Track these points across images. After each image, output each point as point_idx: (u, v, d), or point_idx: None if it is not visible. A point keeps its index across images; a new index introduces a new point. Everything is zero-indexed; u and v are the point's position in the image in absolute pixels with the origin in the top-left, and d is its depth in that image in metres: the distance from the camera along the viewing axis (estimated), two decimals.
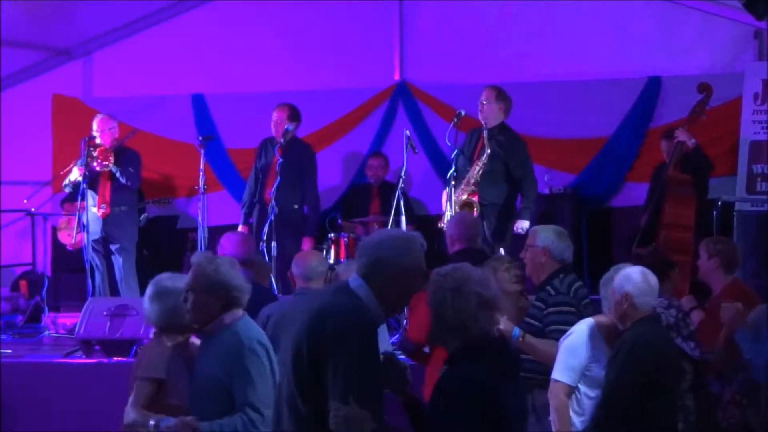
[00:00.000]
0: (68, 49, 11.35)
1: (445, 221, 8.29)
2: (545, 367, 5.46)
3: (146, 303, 4.92)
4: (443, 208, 8.65)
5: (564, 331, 5.47)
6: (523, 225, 8.60)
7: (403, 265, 3.97)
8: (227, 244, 7.18)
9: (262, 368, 4.54)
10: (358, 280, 3.99)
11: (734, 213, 9.13)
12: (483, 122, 8.63)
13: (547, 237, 5.90)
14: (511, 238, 8.70)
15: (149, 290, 4.92)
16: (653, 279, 5.18)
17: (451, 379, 3.92)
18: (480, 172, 8.54)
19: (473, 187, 8.51)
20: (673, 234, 8.11)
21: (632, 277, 5.16)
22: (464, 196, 8.51)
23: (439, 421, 3.85)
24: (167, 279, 4.93)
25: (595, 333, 5.31)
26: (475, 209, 8.43)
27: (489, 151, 8.52)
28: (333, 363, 3.79)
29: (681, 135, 8.77)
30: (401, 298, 4.04)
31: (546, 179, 9.90)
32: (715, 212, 8.77)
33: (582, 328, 5.36)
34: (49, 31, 10.88)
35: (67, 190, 9.57)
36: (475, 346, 3.94)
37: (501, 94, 8.75)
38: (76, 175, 9.35)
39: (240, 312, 4.69)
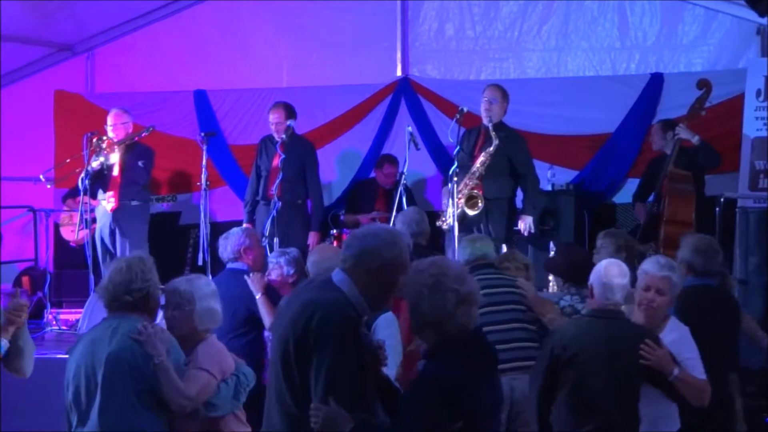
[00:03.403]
0: (71, 46, 11.36)
1: (448, 218, 8.35)
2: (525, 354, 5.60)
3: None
4: (443, 206, 8.67)
5: None
6: (527, 221, 8.66)
7: (386, 259, 3.96)
8: None
9: None
10: (341, 275, 3.99)
11: (737, 209, 9.12)
12: (487, 119, 8.63)
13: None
14: (513, 233, 8.77)
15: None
16: (616, 272, 5.12)
17: (426, 375, 3.92)
18: (485, 165, 8.55)
19: (477, 181, 8.52)
20: (673, 230, 8.10)
21: (596, 269, 5.21)
22: (467, 190, 8.51)
23: (409, 414, 3.85)
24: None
25: None
26: (480, 202, 8.44)
27: (497, 141, 8.53)
28: (316, 361, 3.80)
29: (682, 133, 8.78)
30: (384, 293, 4.02)
31: (549, 175, 9.90)
32: (717, 209, 8.79)
33: None
34: (52, 28, 10.87)
35: (82, 184, 9.44)
36: (451, 341, 3.94)
37: (506, 94, 8.81)
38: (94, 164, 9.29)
39: None
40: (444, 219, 8.50)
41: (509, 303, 5.81)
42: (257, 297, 6.57)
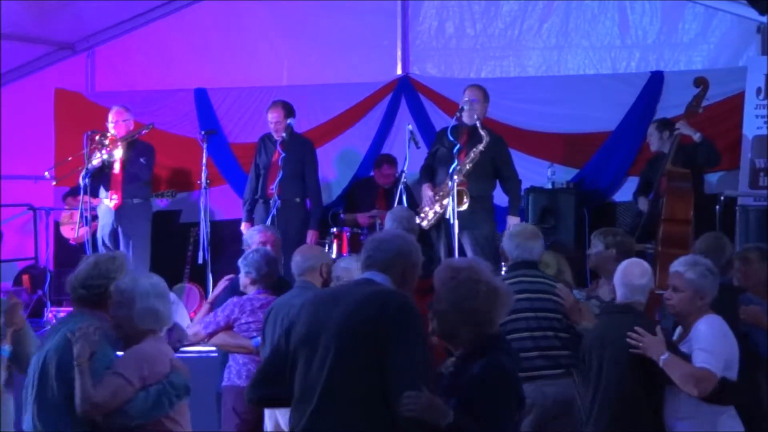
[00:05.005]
0: (71, 44, 11.36)
1: (429, 217, 8.47)
2: (555, 362, 5.66)
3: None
4: (428, 205, 8.68)
5: None
6: (516, 222, 8.69)
7: (414, 260, 4.19)
8: None
9: None
10: (379, 275, 4.10)
11: (737, 208, 9.13)
12: (471, 118, 8.66)
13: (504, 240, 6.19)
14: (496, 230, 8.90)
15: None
16: (636, 272, 5.25)
17: (492, 371, 3.92)
18: (474, 162, 8.57)
19: (462, 178, 8.53)
20: (672, 228, 8.11)
21: (618, 270, 5.35)
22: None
23: (483, 413, 3.85)
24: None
25: None
26: (465, 197, 8.43)
27: (488, 139, 8.57)
28: (398, 347, 3.84)
29: (683, 129, 8.76)
30: (411, 290, 4.20)
31: (549, 173, 9.90)
32: (717, 207, 8.79)
33: None
34: (52, 26, 10.88)
35: (83, 182, 9.43)
36: (493, 337, 4.04)
37: (487, 94, 8.89)
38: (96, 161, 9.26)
39: None
40: (424, 217, 8.55)
41: (546, 311, 5.80)
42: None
